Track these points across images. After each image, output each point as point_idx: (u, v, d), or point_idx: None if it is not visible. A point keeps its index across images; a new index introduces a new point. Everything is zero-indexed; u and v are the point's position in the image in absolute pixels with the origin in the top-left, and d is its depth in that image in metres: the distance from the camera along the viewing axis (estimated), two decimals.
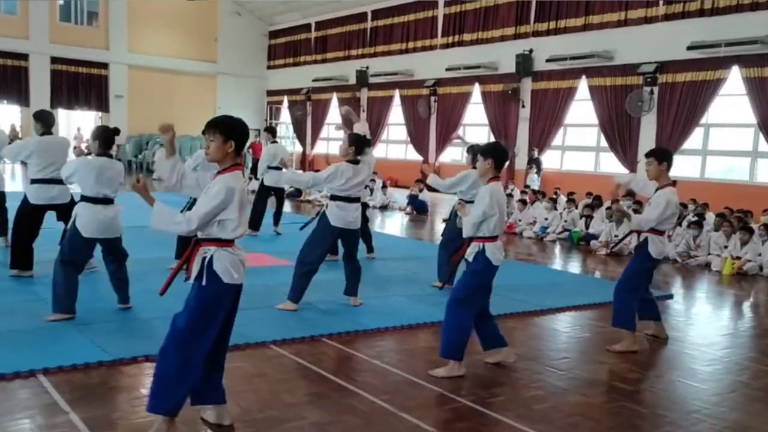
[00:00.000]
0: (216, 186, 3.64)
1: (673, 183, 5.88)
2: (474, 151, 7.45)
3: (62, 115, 27.48)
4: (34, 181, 7.01)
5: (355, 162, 6.59)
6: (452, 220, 7.65)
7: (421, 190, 16.35)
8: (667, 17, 16.25)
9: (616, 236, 11.46)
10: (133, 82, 28.21)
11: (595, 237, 11.93)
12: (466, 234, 5.07)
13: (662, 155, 5.89)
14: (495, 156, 5.00)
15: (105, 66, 27.85)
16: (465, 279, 5.08)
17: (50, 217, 7.27)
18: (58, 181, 6.73)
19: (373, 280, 7.64)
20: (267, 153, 11.41)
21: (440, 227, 14.14)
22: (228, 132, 3.69)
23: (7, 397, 4.20)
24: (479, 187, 5.44)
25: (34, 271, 7.23)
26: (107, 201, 5.88)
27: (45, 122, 7.25)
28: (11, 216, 7.60)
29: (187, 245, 3.82)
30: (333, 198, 6.57)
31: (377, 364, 5.19)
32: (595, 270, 10.20)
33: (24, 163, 7.66)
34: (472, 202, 5.94)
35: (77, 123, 28.27)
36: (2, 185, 8.78)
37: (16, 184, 17.01)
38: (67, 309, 5.72)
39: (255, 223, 11.00)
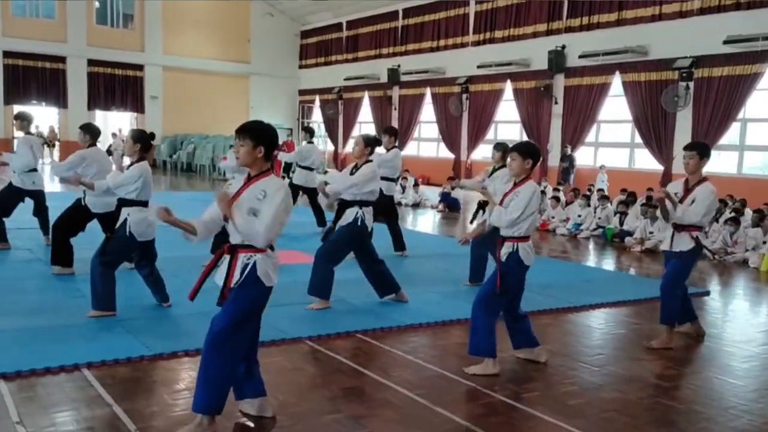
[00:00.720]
0: (282, 192, 3.71)
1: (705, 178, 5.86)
2: (504, 148, 7.51)
3: (99, 116, 27.96)
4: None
5: (370, 161, 6.77)
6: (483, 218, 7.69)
7: (453, 188, 16.35)
8: (703, 11, 16.03)
9: (650, 233, 11.36)
10: (168, 84, 28.61)
11: (630, 234, 11.84)
12: (505, 228, 5.00)
13: (705, 151, 5.83)
14: (535, 159, 5.04)
15: (140, 68, 28.28)
16: (494, 279, 5.04)
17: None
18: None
19: (406, 277, 7.67)
20: (300, 152, 11.51)
21: (472, 224, 14.14)
22: (257, 137, 3.74)
23: (53, 390, 4.32)
24: (504, 184, 5.46)
25: (75, 268, 7.41)
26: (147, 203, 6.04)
27: (93, 134, 7.50)
28: (55, 214, 7.76)
29: (223, 241, 3.88)
30: (367, 204, 6.62)
31: (411, 359, 5.24)
32: (630, 267, 10.12)
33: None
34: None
35: (114, 124, 28.74)
36: (41, 184, 8.98)
37: (54, 185, 17.37)
38: (108, 307, 5.87)
39: None
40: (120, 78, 27.94)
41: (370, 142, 6.75)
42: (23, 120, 8.86)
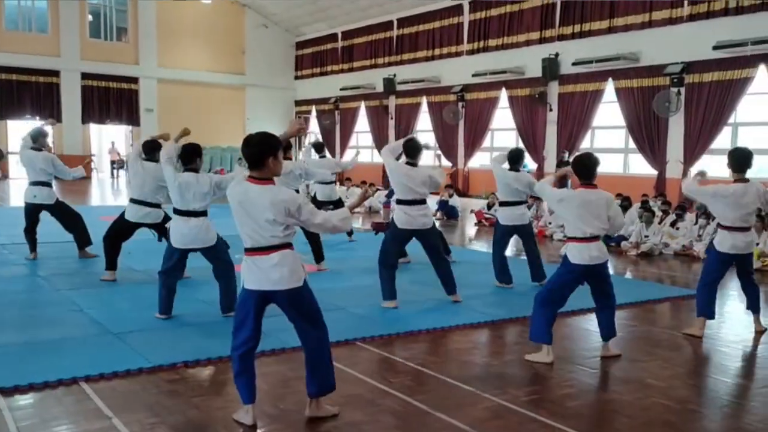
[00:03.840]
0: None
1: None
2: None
3: (93, 129, 28.03)
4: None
5: (414, 164, 7.17)
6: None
7: (451, 196, 16.38)
8: (692, 17, 16.14)
9: (645, 237, 11.41)
10: (163, 96, 28.65)
11: (625, 238, 11.88)
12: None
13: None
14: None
15: (135, 80, 28.33)
16: (552, 277, 5.82)
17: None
18: (151, 204, 7.51)
19: (406, 284, 7.70)
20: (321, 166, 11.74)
21: (471, 231, 14.21)
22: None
23: (51, 403, 4.34)
24: None
25: (75, 281, 7.46)
26: (192, 214, 6.21)
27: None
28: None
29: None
30: (399, 202, 7.13)
31: (412, 366, 5.27)
32: (626, 271, 10.16)
33: None
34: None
35: (109, 137, 28.80)
36: (52, 198, 9.21)
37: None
38: (165, 311, 6.24)
39: None
40: (114, 91, 27.97)
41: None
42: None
